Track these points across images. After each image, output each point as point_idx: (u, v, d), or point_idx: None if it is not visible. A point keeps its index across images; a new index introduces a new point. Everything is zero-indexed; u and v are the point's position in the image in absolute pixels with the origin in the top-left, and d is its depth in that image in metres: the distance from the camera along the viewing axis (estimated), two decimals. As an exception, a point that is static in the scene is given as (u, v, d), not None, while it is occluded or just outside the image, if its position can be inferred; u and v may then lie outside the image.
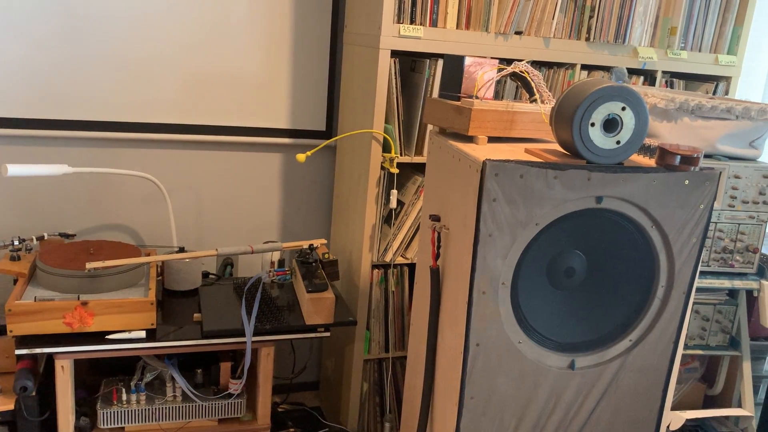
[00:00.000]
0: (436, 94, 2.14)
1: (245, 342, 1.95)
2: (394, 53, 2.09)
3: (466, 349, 1.47)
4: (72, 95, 2.23)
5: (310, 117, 2.51)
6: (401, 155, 2.20)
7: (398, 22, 2.05)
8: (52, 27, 2.16)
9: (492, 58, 1.68)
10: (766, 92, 3.04)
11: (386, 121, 2.16)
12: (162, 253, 2.27)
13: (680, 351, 1.64)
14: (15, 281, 1.99)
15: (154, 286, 1.97)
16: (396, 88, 2.12)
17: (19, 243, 2.07)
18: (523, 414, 1.55)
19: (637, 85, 2.37)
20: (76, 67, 2.22)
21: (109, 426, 1.94)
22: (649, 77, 2.43)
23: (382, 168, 2.18)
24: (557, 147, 1.57)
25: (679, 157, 1.45)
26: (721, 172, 1.95)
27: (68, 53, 2.20)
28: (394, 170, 2.16)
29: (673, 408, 2.16)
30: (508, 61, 2.13)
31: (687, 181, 1.47)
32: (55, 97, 2.22)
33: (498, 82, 2.23)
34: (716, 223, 1.99)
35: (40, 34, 2.16)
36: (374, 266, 2.28)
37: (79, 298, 1.84)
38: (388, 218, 2.30)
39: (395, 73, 2.11)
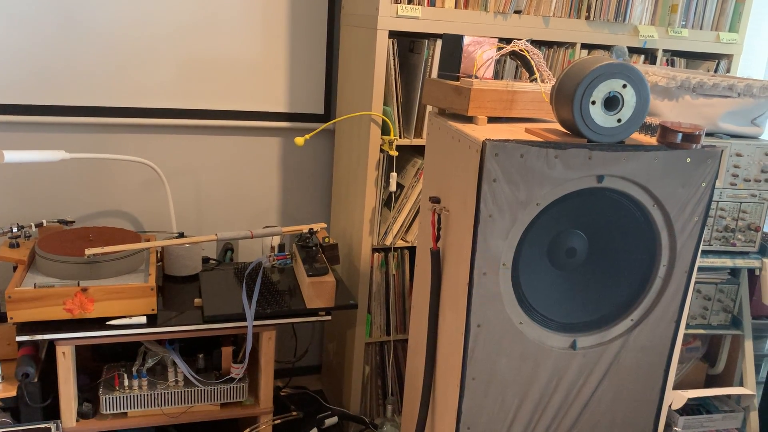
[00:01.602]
0: (435, 74, 2.12)
1: (246, 326, 1.94)
2: (392, 34, 2.07)
3: (467, 331, 1.47)
4: (69, 80, 2.22)
5: (308, 100, 2.49)
6: (400, 137, 2.18)
7: (396, 2, 2.02)
8: (48, 12, 2.14)
9: (491, 37, 1.66)
10: (768, 70, 3.02)
11: (385, 103, 2.14)
12: (161, 239, 2.26)
13: (682, 330, 1.64)
14: (14, 268, 1.99)
15: (154, 272, 1.96)
16: (394, 69, 2.10)
17: (18, 230, 2.06)
18: (525, 394, 1.55)
19: (638, 64, 2.35)
20: (72, 52, 2.20)
21: (111, 411, 1.95)
22: (650, 56, 2.41)
23: (382, 151, 2.16)
24: (558, 126, 1.56)
25: (680, 134, 1.43)
26: (722, 150, 1.93)
27: (65, 38, 2.18)
28: (394, 153, 2.15)
29: (675, 387, 2.17)
30: (508, 41, 2.11)
31: (689, 159, 1.45)
32: (52, 83, 2.20)
33: (497, 61, 2.21)
34: (718, 201, 1.98)
35: (35, 19, 2.13)
36: (374, 250, 2.27)
37: (79, 285, 1.84)
38: (388, 201, 2.29)
39: (393, 54, 2.09)
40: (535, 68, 1.64)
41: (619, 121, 1.39)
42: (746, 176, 1.97)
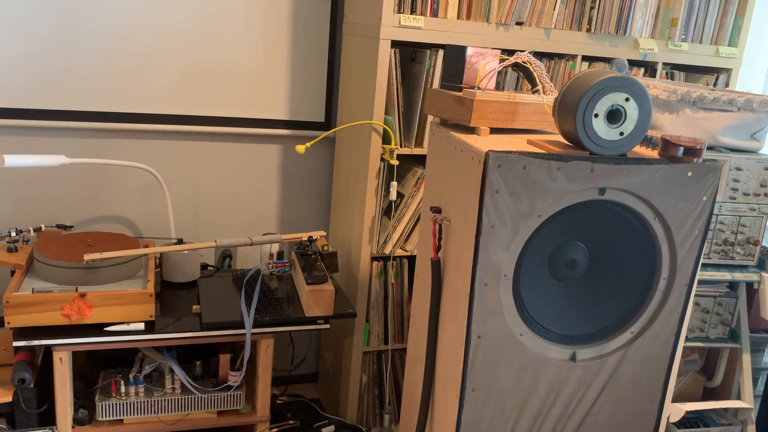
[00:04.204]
0: (436, 84, 2.13)
1: (245, 334, 1.94)
2: (395, 43, 2.08)
3: (468, 342, 1.46)
4: (70, 85, 2.21)
5: (309, 108, 2.50)
6: (401, 147, 2.18)
7: (399, 11, 2.03)
8: (49, 16, 2.14)
9: (492, 48, 1.67)
10: (767, 84, 3.03)
11: (386, 113, 2.14)
12: (160, 245, 2.25)
13: (681, 343, 1.64)
14: (12, 273, 1.98)
15: (152, 278, 1.95)
16: (396, 78, 2.11)
17: (17, 234, 2.05)
18: (524, 406, 1.55)
19: (638, 77, 2.36)
20: (74, 57, 2.20)
21: (107, 418, 1.93)
22: (650, 69, 2.42)
23: (382, 159, 2.16)
24: (560, 138, 1.56)
25: (682, 148, 1.44)
26: (722, 164, 1.94)
27: (66, 43, 2.18)
28: (394, 162, 2.15)
29: (673, 400, 2.17)
30: (509, 52, 2.12)
31: (690, 173, 1.46)
32: (53, 88, 2.20)
33: (499, 73, 2.22)
34: (717, 215, 1.99)
35: (36, 24, 2.13)
36: (374, 258, 2.27)
37: (77, 290, 1.83)
38: (388, 210, 2.29)
39: (395, 63, 2.09)
40: (537, 80, 1.65)
41: (621, 134, 1.39)
42: (746, 190, 1.97)
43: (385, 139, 2.15)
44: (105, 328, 1.84)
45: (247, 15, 2.33)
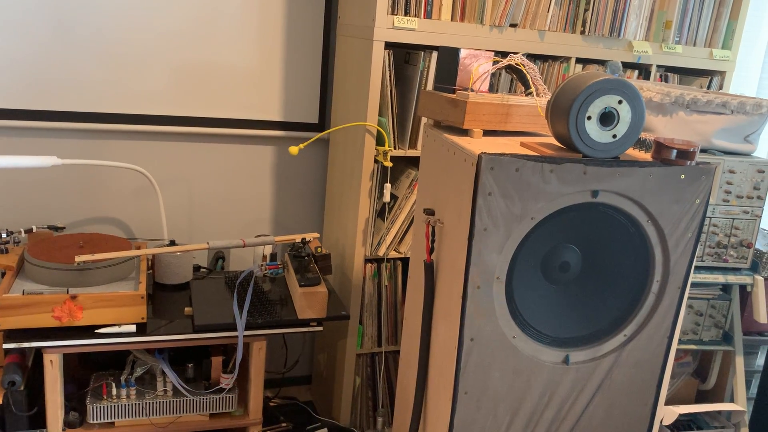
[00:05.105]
0: (430, 86, 2.12)
1: (237, 336, 1.93)
2: (388, 45, 2.07)
3: (460, 344, 1.46)
4: (62, 86, 2.20)
5: (302, 109, 2.49)
6: (395, 148, 2.18)
7: (392, 13, 2.03)
8: (42, 17, 2.13)
9: (486, 50, 1.66)
10: (760, 87, 3.04)
11: (380, 114, 2.14)
12: (152, 247, 2.24)
13: (674, 346, 1.63)
14: (3, 274, 1.97)
15: (144, 280, 1.94)
16: (390, 80, 2.10)
17: (7, 235, 2.04)
18: (518, 409, 1.55)
19: (632, 79, 2.36)
20: (66, 57, 2.18)
21: (98, 421, 1.92)
22: (644, 71, 2.42)
23: (376, 161, 2.16)
24: (553, 140, 1.56)
25: (675, 151, 1.44)
26: (716, 167, 1.94)
27: (59, 43, 2.16)
28: (388, 164, 2.14)
29: (666, 403, 2.16)
30: (503, 54, 2.11)
31: (683, 176, 1.46)
32: (45, 88, 2.19)
33: (492, 75, 2.22)
34: (710, 217, 1.99)
35: (29, 24, 2.12)
36: (367, 260, 2.27)
37: (68, 292, 1.82)
38: (382, 212, 2.28)
39: (389, 65, 2.09)
40: (530, 82, 1.65)
41: (614, 136, 1.39)
42: (739, 193, 1.97)
43: (379, 140, 2.14)
44: (96, 330, 1.83)
45: (240, 16, 2.32)
